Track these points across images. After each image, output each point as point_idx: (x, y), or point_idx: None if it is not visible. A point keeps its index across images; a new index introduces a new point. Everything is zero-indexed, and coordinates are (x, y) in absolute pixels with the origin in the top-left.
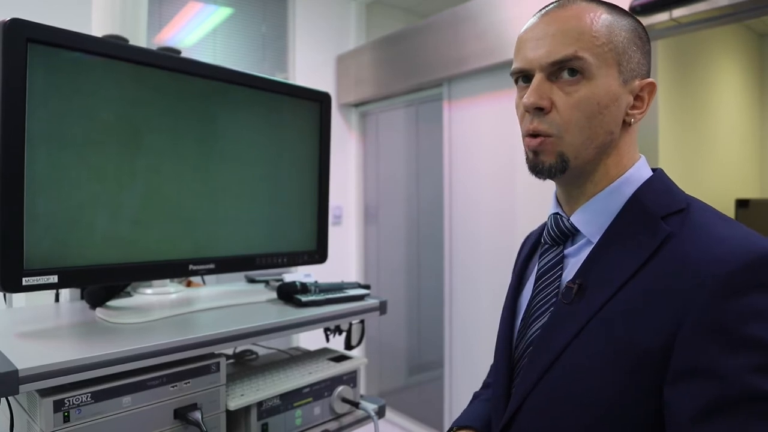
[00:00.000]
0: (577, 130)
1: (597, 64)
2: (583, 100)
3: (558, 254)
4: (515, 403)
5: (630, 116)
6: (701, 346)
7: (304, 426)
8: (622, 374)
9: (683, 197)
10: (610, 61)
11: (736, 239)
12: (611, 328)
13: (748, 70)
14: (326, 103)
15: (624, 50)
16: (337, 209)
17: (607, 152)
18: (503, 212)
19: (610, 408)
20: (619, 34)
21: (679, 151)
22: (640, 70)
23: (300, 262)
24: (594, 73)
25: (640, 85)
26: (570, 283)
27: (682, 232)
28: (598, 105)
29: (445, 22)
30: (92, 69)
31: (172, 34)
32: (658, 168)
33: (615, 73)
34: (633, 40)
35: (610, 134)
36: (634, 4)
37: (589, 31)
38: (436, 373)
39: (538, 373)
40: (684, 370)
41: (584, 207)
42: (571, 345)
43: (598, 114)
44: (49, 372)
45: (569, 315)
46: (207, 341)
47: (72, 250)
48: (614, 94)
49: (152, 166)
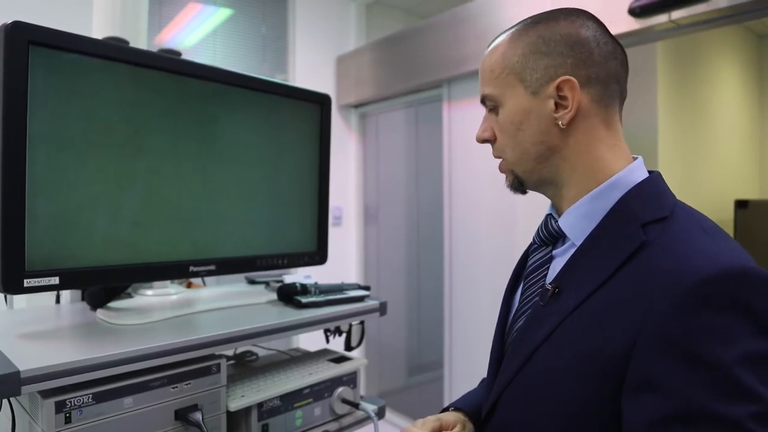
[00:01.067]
0: (509, 150)
1: (500, 93)
2: (503, 125)
3: (545, 255)
4: (494, 395)
5: (557, 119)
6: (656, 359)
7: (305, 427)
8: (587, 379)
9: (671, 204)
10: (511, 83)
11: (708, 253)
12: (579, 333)
13: (747, 71)
14: (326, 105)
15: (523, 67)
16: (337, 210)
17: (554, 159)
18: (503, 213)
19: (576, 409)
20: (513, 56)
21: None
22: (553, 73)
23: (300, 263)
24: (502, 101)
25: (555, 86)
26: (548, 285)
27: (658, 241)
28: (511, 124)
29: (445, 23)
30: (93, 71)
31: (172, 36)
32: (656, 171)
33: (521, 90)
34: (533, 51)
35: (541, 143)
36: (633, 5)
37: (488, 68)
38: (436, 373)
39: (513, 370)
40: (638, 383)
41: (570, 210)
42: (542, 346)
43: (518, 131)
44: (51, 373)
45: (543, 317)
46: (208, 342)
47: (73, 251)
48: (525, 109)
49: (153, 167)
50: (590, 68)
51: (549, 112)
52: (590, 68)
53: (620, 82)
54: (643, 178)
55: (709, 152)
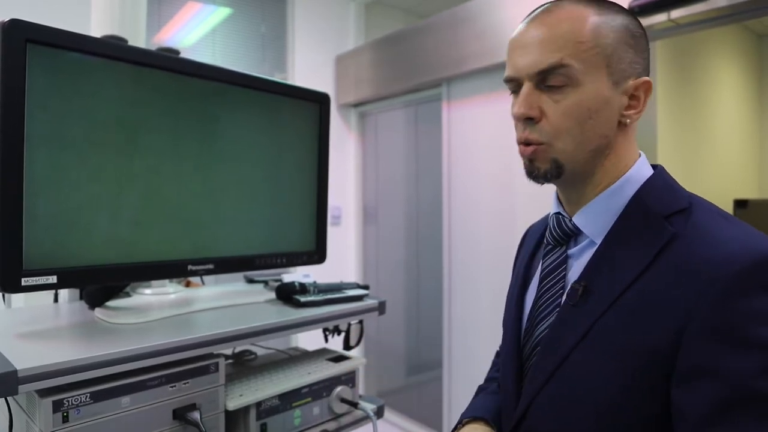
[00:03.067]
0: (569, 137)
1: (584, 70)
2: (572, 107)
3: (561, 255)
4: (525, 402)
5: (625, 117)
6: (709, 346)
7: (303, 426)
8: (629, 375)
9: (685, 195)
10: (598, 64)
11: (741, 239)
12: (617, 329)
13: (746, 71)
14: (325, 104)
15: (613, 51)
16: (336, 209)
17: (604, 154)
18: (502, 212)
19: (617, 409)
20: (607, 36)
21: (678, 152)
22: (633, 70)
23: (299, 262)
24: (581, 79)
25: (635, 85)
26: (575, 285)
27: (686, 232)
28: (587, 110)
29: (445, 23)
30: (91, 70)
31: (171, 34)
32: (659, 165)
33: (604, 76)
34: (624, 40)
35: (605, 138)
36: (633, 4)
37: (574, 35)
38: (434, 373)
39: (546, 373)
40: (692, 370)
41: (586, 208)
42: (578, 346)
43: (589, 119)
44: (49, 372)
45: (575, 316)
46: (206, 341)
47: (71, 250)
48: (604, 98)
49: (151, 166)
50: (648, 72)
51: (621, 108)
52: (648, 72)
53: None
54: (651, 173)
55: (708, 152)
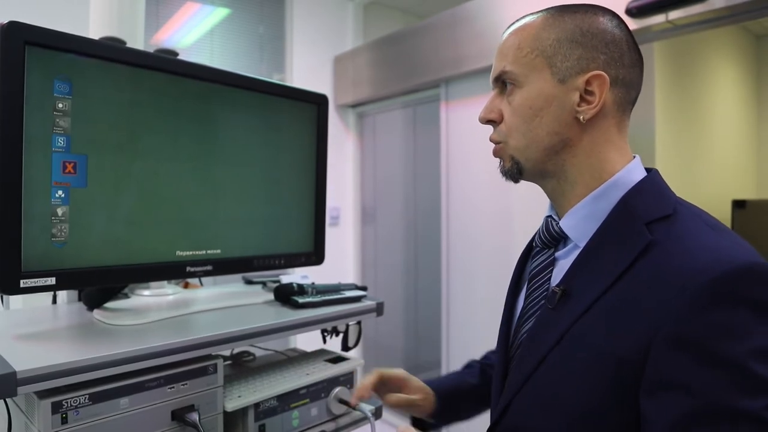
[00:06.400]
0: (518, 134)
1: (524, 73)
2: (518, 107)
3: (549, 257)
4: (504, 401)
5: (579, 113)
6: (676, 357)
7: (301, 427)
8: (600, 381)
9: (672, 201)
10: (538, 66)
11: (716, 249)
12: (591, 335)
13: (744, 72)
14: (324, 105)
15: (555, 51)
16: (335, 210)
17: (564, 153)
18: (500, 213)
19: (589, 413)
20: (548, 38)
21: (676, 152)
22: (585, 66)
23: (297, 263)
24: (522, 81)
25: (585, 80)
26: (555, 288)
27: (665, 239)
28: (531, 108)
29: (443, 23)
30: (90, 72)
31: (169, 35)
32: (653, 169)
33: (547, 75)
34: (570, 39)
35: (556, 134)
36: (630, 6)
37: (516, 44)
38: (433, 374)
39: (524, 375)
40: (658, 380)
41: (572, 211)
42: (553, 350)
43: (535, 117)
44: (47, 374)
45: (552, 320)
46: (204, 343)
47: (69, 252)
48: (548, 96)
49: (149, 167)
50: (619, 69)
51: (572, 104)
52: (619, 69)
53: (637, 90)
54: (642, 177)
55: (706, 152)
